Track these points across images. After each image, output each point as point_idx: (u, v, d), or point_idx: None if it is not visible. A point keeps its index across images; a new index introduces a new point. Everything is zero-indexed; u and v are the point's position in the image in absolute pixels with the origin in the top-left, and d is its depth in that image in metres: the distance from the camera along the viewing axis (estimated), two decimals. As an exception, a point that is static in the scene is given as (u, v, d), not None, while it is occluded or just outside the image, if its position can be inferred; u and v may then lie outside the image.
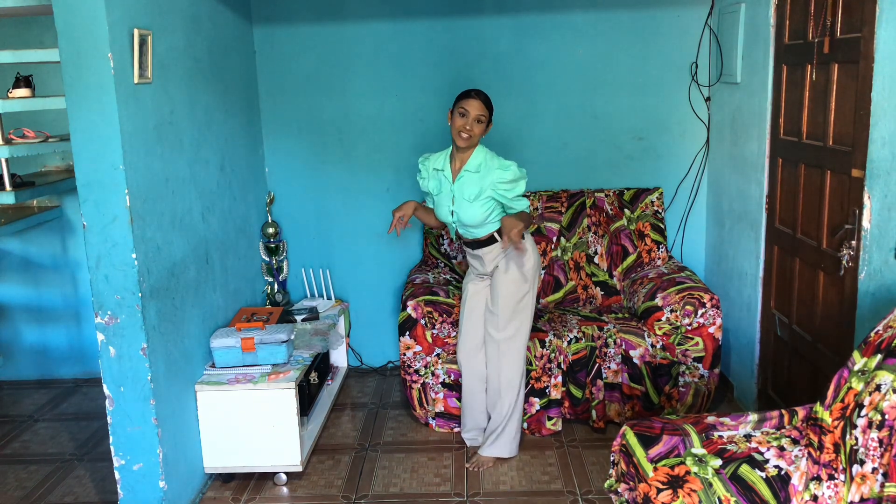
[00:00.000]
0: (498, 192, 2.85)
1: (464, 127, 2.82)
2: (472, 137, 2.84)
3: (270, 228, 3.92)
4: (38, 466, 3.28)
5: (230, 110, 3.47)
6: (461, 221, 2.93)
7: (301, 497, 2.98)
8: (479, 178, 2.87)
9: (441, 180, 2.96)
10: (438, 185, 2.96)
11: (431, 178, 2.99)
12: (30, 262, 4.09)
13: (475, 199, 2.86)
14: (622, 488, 2.15)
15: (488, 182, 2.84)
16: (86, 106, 2.39)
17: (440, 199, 2.97)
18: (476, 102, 2.84)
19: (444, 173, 2.95)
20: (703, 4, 3.80)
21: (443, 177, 2.95)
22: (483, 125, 2.86)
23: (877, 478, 1.79)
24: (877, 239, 2.36)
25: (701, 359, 3.30)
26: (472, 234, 2.96)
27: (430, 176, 3.00)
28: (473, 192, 2.87)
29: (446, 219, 2.98)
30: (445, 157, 2.97)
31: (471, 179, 2.88)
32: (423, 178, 3.03)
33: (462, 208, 2.90)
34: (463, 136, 2.83)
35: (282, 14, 3.87)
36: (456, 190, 2.91)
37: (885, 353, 1.87)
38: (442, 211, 2.98)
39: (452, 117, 2.87)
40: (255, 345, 3.02)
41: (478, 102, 2.84)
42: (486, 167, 2.87)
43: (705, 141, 3.94)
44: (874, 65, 2.31)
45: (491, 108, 2.89)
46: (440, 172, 2.96)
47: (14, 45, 3.79)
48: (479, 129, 2.85)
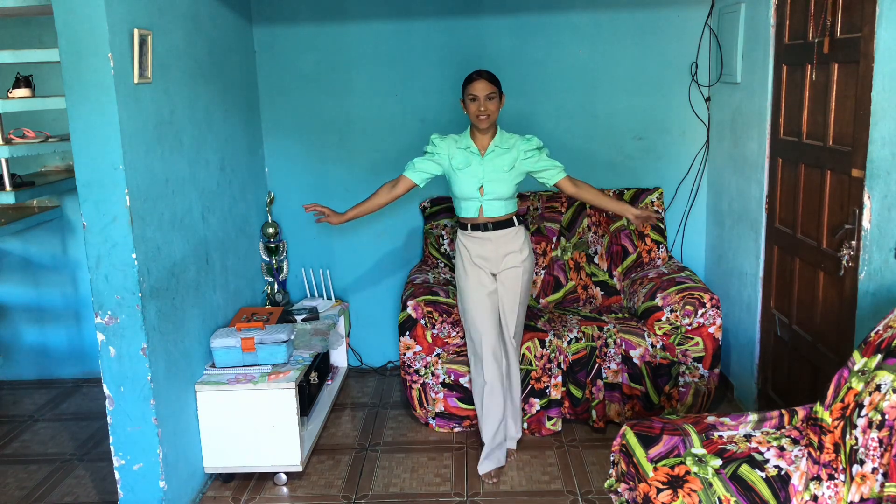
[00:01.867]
0: (528, 159, 2.97)
1: (479, 110, 2.88)
2: (491, 115, 2.90)
3: (270, 228, 3.92)
4: (38, 466, 3.28)
5: (230, 110, 3.47)
6: (493, 193, 2.96)
7: (301, 497, 2.98)
8: (509, 151, 2.97)
9: (468, 156, 2.98)
10: (465, 161, 2.97)
11: (455, 154, 2.99)
12: (30, 262, 4.09)
13: (510, 170, 2.95)
14: (622, 488, 2.15)
15: (517, 153, 2.96)
16: (86, 106, 2.39)
17: (466, 174, 2.97)
18: (481, 83, 2.89)
19: (471, 149, 2.98)
20: (703, 4, 3.80)
21: (469, 153, 2.98)
22: (496, 101, 2.92)
23: (877, 478, 1.79)
24: (877, 239, 2.36)
25: (701, 359, 3.30)
26: (497, 211, 2.99)
27: (451, 153, 3.00)
28: (507, 163, 2.95)
29: (472, 194, 2.97)
30: (467, 136, 3.01)
31: (501, 153, 2.97)
32: (437, 153, 3.03)
33: (498, 179, 2.95)
34: (482, 118, 2.89)
35: (282, 14, 3.87)
36: (487, 163, 2.96)
37: (885, 353, 1.87)
38: (468, 185, 2.97)
39: (465, 105, 2.94)
40: (255, 345, 3.02)
41: (483, 82, 2.89)
42: (511, 142, 2.99)
43: (705, 141, 3.94)
44: (874, 65, 2.31)
45: (497, 82, 2.93)
46: (466, 150, 2.99)
47: (14, 45, 3.79)
48: (493, 106, 2.91)
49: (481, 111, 2.89)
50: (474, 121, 2.93)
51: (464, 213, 3.04)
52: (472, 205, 3.00)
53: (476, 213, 3.00)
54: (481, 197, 2.97)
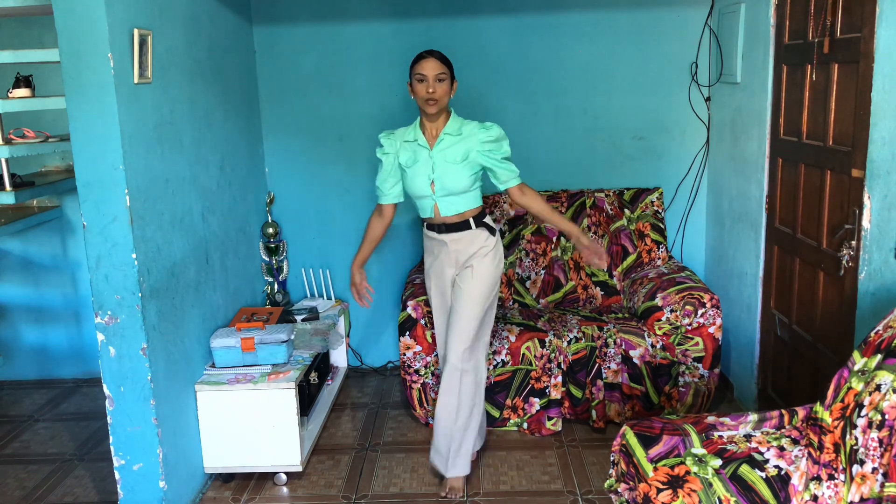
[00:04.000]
0: (484, 152, 2.68)
1: (426, 91, 2.62)
2: (440, 99, 2.64)
3: (270, 228, 3.92)
4: (38, 466, 3.28)
5: (230, 110, 3.47)
6: (445, 189, 2.69)
7: (301, 497, 2.98)
8: (462, 140, 2.69)
9: (415, 150, 2.73)
10: (413, 156, 2.72)
11: (402, 150, 2.75)
12: (30, 262, 4.09)
13: (462, 161, 2.67)
14: (622, 488, 2.15)
15: (473, 143, 2.68)
16: (86, 106, 2.39)
17: (415, 170, 2.72)
18: (431, 62, 2.63)
19: (419, 142, 2.72)
20: (703, 4, 3.80)
21: (417, 146, 2.73)
22: (446, 83, 2.65)
23: (877, 478, 1.79)
24: (877, 239, 2.36)
25: (701, 359, 3.30)
26: (455, 208, 2.73)
27: (399, 149, 2.75)
28: (459, 154, 2.68)
29: (423, 191, 2.72)
30: (415, 128, 2.75)
31: (452, 142, 2.69)
32: (386, 153, 2.78)
33: (447, 173, 2.68)
34: (429, 101, 2.62)
35: (282, 14, 3.87)
36: (436, 156, 2.69)
37: (885, 353, 1.87)
38: (418, 182, 2.72)
39: (412, 87, 2.68)
40: (255, 345, 3.02)
41: (433, 61, 2.63)
42: (466, 129, 2.71)
43: (705, 141, 3.94)
44: (874, 65, 2.31)
45: (449, 63, 2.68)
46: (413, 143, 2.74)
47: (14, 45, 3.79)
48: (442, 89, 2.64)
49: (429, 92, 2.61)
50: (422, 105, 2.66)
51: (421, 213, 2.83)
52: (426, 203, 2.77)
53: (431, 212, 2.77)
54: (433, 194, 2.72)
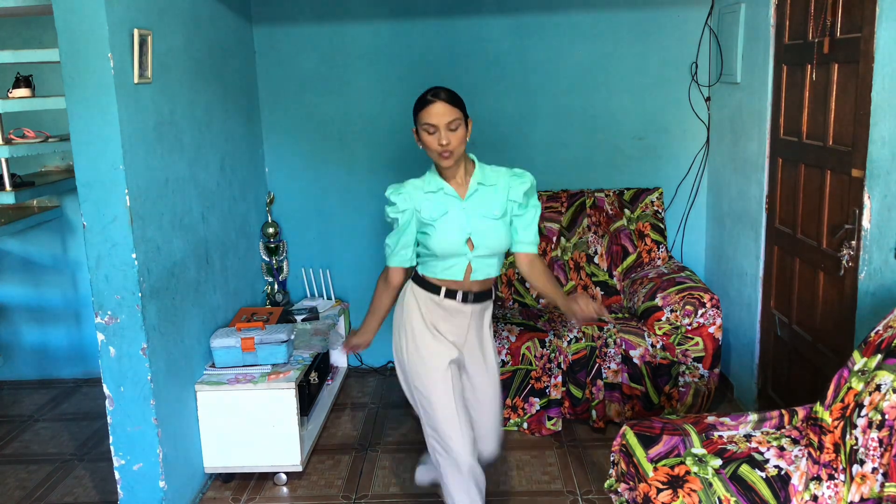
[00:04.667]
0: (515, 202, 2.29)
1: (439, 144, 2.17)
2: (455, 151, 2.19)
3: (270, 228, 3.92)
4: (38, 466, 3.28)
5: (230, 110, 3.47)
6: (486, 247, 2.25)
7: (301, 497, 2.98)
8: (497, 191, 2.28)
9: (443, 201, 2.26)
10: (441, 207, 2.25)
11: (424, 203, 2.26)
12: (30, 262, 4.09)
13: (501, 217, 2.26)
14: (622, 488, 2.15)
15: (507, 193, 2.28)
16: (86, 106, 2.39)
17: (447, 223, 2.23)
18: (439, 107, 2.17)
19: (446, 191, 2.26)
20: (703, 4, 3.80)
21: (444, 196, 2.26)
22: (460, 130, 2.19)
23: (877, 478, 1.79)
24: (877, 239, 2.36)
25: (701, 359, 3.30)
26: (487, 270, 2.30)
27: (418, 203, 2.26)
28: (497, 207, 2.26)
29: (457, 249, 2.25)
30: (433, 176, 2.30)
31: (488, 194, 2.27)
32: (401, 210, 2.27)
33: (487, 229, 2.25)
34: (444, 155, 2.18)
35: (282, 14, 3.87)
36: (471, 208, 2.25)
37: (885, 353, 1.87)
38: (451, 239, 2.24)
39: (420, 137, 2.24)
40: (255, 345, 3.02)
41: (441, 106, 2.17)
42: (498, 178, 2.29)
43: (705, 141, 3.94)
44: (874, 65, 2.31)
45: (461, 103, 2.23)
46: (438, 193, 2.27)
47: (14, 45, 3.79)
48: (457, 139, 2.18)
49: (442, 145, 2.16)
50: (435, 158, 2.21)
51: (442, 274, 2.29)
52: (456, 264, 2.27)
53: (461, 274, 2.28)
54: (470, 252, 2.25)
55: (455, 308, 2.32)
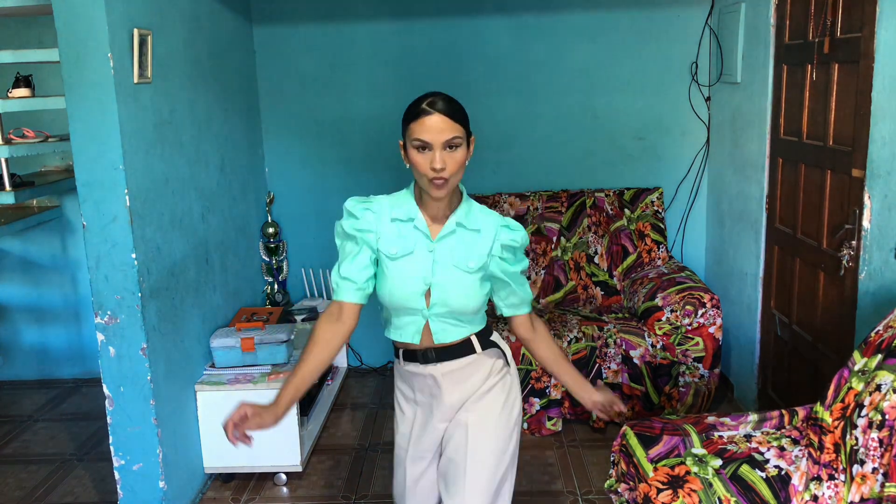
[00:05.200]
0: (500, 258, 1.79)
1: (432, 168, 1.67)
2: (451, 178, 1.69)
3: (270, 228, 3.92)
4: (38, 466, 3.28)
5: (230, 110, 3.47)
6: (446, 305, 1.75)
7: (301, 497, 2.98)
8: (479, 237, 1.78)
9: (410, 236, 1.77)
10: (406, 244, 1.76)
11: (387, 231, 1.77)
12: (30, 262, 4.09)
13: (476, 270, 1.76)
14: (622, 488, 2.15)
15: (492, 246, 1.78)
16: (86, 106, 2.39)
17: (405, 266, 1.75)
18: (436, 121, 1.68)
19: (416, 224, 1.77)
20: (703, 4, 3.80)
21: (413, 231, 1.77)
22: (460, 151, 1.69)
23: (877, 478, 1.79)
24: (877, 239, 2.36)
25: (701, 359, 3.30)
26: (452, 333, 1.80)
27: (380, 228, 1.77)
28: (473, 258, 1.76)
29: (411, 302, 1.76)
30: (409, 200, 1.80)
31: (468, 239, 1.77)
32: (362, 229, 1.77)
33: (453, 282, 1.75)
34: (437, 182, 1.68)
35: (282, 14, 3.87)
36: (440, 251, 1.76)
37: (885, 353, 1.87)
38: (407, 287, 1.75)
39: (407, 153, 1.75)
40: (255, 345, 3.02)
41: (439, 120, 1.68)
42: (483, 221, 1.80)
43: (705, 141, 3.94)
44: (874, 64, 2.31)
45: (464, 117, 1.73)
46: (407, 224, 1.78)
47: (14, 45, 3.79)
48: (455, 163, 1.68)
49: (435, 169, 1.66)
50: (424, 184, 1.71)
51: (394, 335, 1.85)
52: (409, 322, 1.80)
53: (415, 336, 1.80)
54: (426, 309, 1.76)
55: (418, 371, 1.84)
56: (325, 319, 1.84)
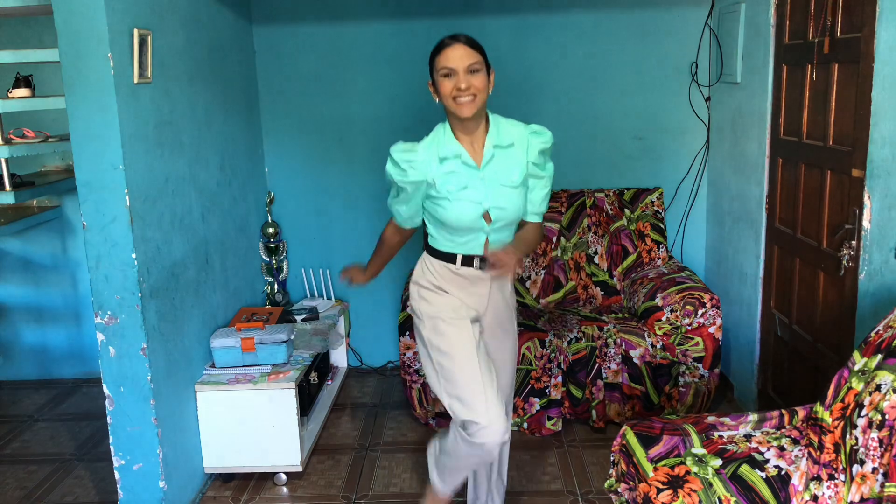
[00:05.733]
0: (532, 168, 2.09)
1: (459, 87, 1.97)
2: (478, 96, 1.99)
3: (270, 228, 3.92)
4: (38, 466, 3.28)
5: (230, 110, 3.47)
6: (504, 219, 2.09)
7: (301, 497, 2.98)
8: (513, 151, 2.07)
9: (460, 172, 2.05)
10: (459, 180, 2.04)
11: (438, 174, 2.05)
12: (30, 262, 4.09)
13: (520, 183, 2.07)
14: (622, 488, 2.15)
15: (526, 154, 2.08)
16: (86, 106, 2.39)
17: (462, 196, 2.04)
18: (458, 50, 1.99)
19: (463, 159, 2.04)
20: (703, 4, 3.80)
21: (461, 165, 2.05)
22: (481, 75, 2.01)
23: (877, 478, 1.79)
24: (877, 239, 2.36)
25: (701, 359, 3.30)
26: (503, 241, 2.14)
27: (431, 174, 2.05)
28: (516, 172, 2.06)
29: (474, 223, 2.07)
30: (448, 137, 2.06)
31: (505, 157, 2.06)
32: (410, 181, 2.07)
33: (505, 198, 2.06)
34: (464, 99, 1.97)
35: (282, 14, 3.87)
36: (489, 177, 2.04)
37: (885, 353, 1.87)
38: (467, 214, 2.05)
39: (437, 86, 2.03)
40: (255, 345, 3.02)
41: (461, 49, 1.99)
42: (514, 134, 2.08)
43: (705, 141, 3.94)
44: (874, 65, 2.31)
45: (482, 49, 2.06)
46: (453, 160, 2.05)
47: (14, 45, 3.79)
48: (480, 82, 2.00)
49: (462, 88, 1.96)
50: (453, 107, 1.99)
51: (458, 248, 2.14)
52: (472, 239, 2.12)
53: (478, 248, 2.13)
54: (488, 227, 2.08)
55: (475, 276, 2.15)
56: (390, 229, 2.32)
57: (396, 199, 2.16)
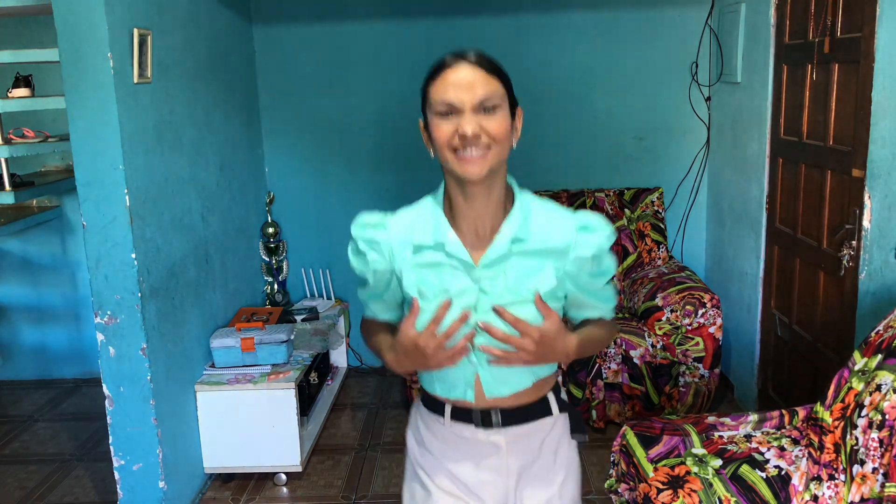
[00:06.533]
0: (576, 280, 1.33)
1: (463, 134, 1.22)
2: (494, 148, 1.24)
3: (270, 228, 3.92)
4: (38, 466, 3.28)
5: (230, 110, 3.47)
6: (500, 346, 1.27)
7: (301, 497, 2.98)
8: (549, 254, 1.31)
9: (442, 267, 1.31)
10: (436, 281, 1.31)
11: (408, 264, 1.34)
12: (30, 262, 4.09)
13: (550, 296, 1.31)
14: (622, 488, 2.15)
15: (570, 262, 1.32)
16: (85, 106, 2.38)
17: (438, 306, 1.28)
18: (466, 72, 1.23)
19: (449, 249, 1.30)
20: (704, 4, 3.79)
21: (445, 259, 1.31)
22: (503, 114, 1.25)
23: (877, 478, 1.79)
24: (877, 239, 2.36)
25: (701, 359, 3.30)
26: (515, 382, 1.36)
27: (399, 262, 1.34)
28: (545, 283, 1.30)
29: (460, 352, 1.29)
30: (436, 212, 1.33)
31: (524, 255, 1.31)
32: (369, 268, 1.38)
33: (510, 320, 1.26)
34: (471, 154, 1.23)
35: (282, 14, 3.87)
36: (489, 282, 1.29)
37: (885, 353, 1.87)
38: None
39: (431, 128, 1.27)
40: (254, 345, 3.02)
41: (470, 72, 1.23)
42: (559, 234, 1.32)
43: (705, 141, 3.94)
44: (874, 64, 2.31)
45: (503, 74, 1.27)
46: (436, 252, 1.32)
47: (14, 45, 3.79)
48: (499, 126, 1.24)
49: (467, 137, 1.21)
50: (452, 164, 1.25)
51: (444, 390, 1.40)
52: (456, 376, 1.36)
53: (466, 390, 1.36)
54: (473, 360, 1.33)
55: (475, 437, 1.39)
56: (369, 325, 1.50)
57: (364, 291, 1.45)
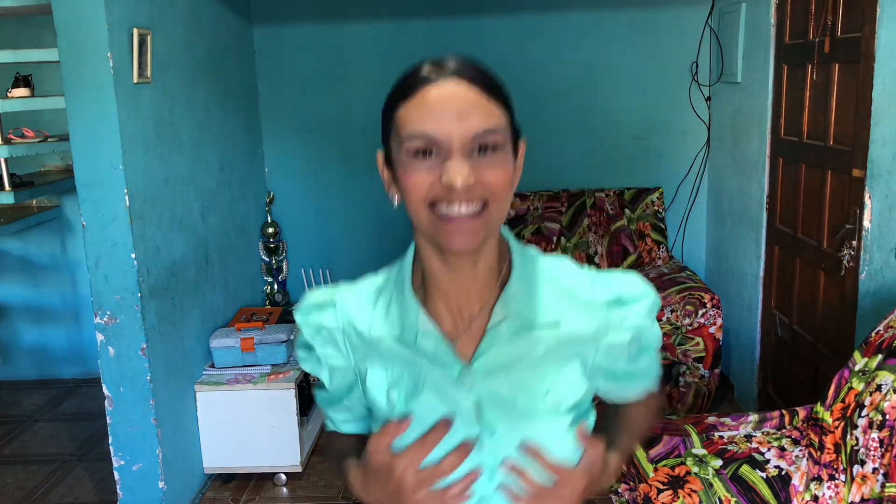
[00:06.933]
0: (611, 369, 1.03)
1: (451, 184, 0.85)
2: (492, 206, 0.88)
3: (270, 228, 3.92)
4: (38, 466, 3.28)
5: (230, 110, 3.47)
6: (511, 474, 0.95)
7: (301, 497, 2.98)
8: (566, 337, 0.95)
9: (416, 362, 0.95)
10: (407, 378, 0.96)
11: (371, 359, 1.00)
12: (29, 262, 4.09)
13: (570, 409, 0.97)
14: (622, 488, 2.15)
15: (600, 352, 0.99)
16: (85, 106, 2.38)
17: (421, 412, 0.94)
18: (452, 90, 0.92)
19: (422, 337, 0.94)
20: (704, 4, 3.79)
21: (416, 354, 0.94)
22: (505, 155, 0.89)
23: (877, 478, 1.78)
24: (877, 239, 2.35)
25: (701, 359, 3.29)
26: None
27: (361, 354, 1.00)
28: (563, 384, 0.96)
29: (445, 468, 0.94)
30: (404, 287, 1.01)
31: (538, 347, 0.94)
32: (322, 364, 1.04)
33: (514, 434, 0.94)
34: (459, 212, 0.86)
35: (282, 14, 3.86)
36: (484, 383, 0.93)
37: (885, 353, 1.87)
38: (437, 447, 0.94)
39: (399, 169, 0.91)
40: (254, 345, 3.02)
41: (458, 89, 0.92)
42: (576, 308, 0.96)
43: (706, 141, 3.93)
44: (875, 64, 2.31)
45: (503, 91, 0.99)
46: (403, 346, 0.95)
47: (14, 44, 3.78)
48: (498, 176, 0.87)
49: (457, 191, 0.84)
50: (430, 233, 0.93)
51: None
52: None
53: None
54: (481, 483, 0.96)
55: None
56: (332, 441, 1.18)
57: (319, 394, 1.12)
